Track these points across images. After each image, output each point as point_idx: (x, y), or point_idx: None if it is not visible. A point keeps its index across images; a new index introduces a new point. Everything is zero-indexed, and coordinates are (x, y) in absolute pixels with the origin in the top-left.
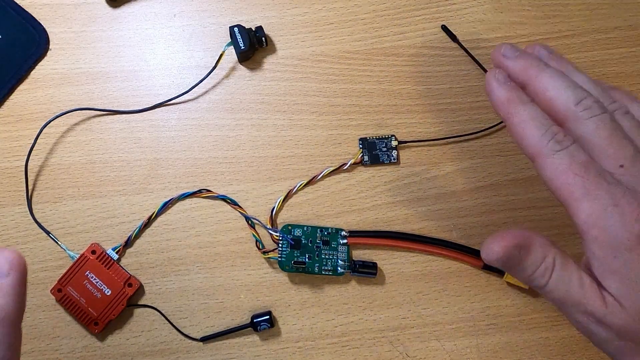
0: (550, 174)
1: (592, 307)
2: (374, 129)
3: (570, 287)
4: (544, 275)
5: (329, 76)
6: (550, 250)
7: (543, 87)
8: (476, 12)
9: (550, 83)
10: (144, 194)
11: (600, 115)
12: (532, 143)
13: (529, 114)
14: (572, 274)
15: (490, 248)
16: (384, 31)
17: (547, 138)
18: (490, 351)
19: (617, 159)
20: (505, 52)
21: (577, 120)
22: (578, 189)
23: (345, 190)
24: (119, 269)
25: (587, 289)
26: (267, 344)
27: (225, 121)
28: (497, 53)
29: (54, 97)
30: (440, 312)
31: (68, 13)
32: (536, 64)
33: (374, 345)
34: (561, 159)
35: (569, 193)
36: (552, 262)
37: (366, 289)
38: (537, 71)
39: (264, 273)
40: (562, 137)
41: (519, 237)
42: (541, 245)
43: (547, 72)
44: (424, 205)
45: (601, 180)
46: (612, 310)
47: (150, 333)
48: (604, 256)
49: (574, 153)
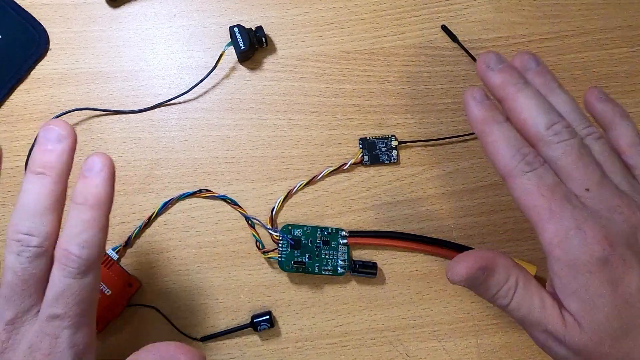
0: (519, 194)
1: (552, 326)
2: (374, 129)
3: (531, 307)
4: (506, 296)
5: (329, 76)
6: (512, 271)
7: (518, 108)
8: (476, 12)
9: (525, 104)
10: (144, 194)
11: (568, 141)
12: (503, 163)
13: (502, 134)
14: (534, 294)
15: (454, 269)
16: (384, 31)
17: (517, 159)
18: (490, 351)
19: (583, 182)
20: (490, 62)
21: (547, 144)
22: (544, 210)
23: (345, 190)
24: (119, 269)
25: (547, 309)
26: (267, 344)
27: (225, 121)
28: (482, 63)
29: (54, 97)
30: (440, 312)
31: (68, 13)
32: (515, 81)
33: (374, 345)
34: (529, 180)
35: (536, 213)
36: (515, 283)
37: (366, 289)
38: (515, 90)
39: (264, 273)
40: (532, 159)
41: (482, 260)
42: (504, 267)
43: (524, 92)
44: (424, 205)
45: (566, 203)
46: (571, 330)
47: (150, 333)
48: (565, 276)
49: (542, 175)
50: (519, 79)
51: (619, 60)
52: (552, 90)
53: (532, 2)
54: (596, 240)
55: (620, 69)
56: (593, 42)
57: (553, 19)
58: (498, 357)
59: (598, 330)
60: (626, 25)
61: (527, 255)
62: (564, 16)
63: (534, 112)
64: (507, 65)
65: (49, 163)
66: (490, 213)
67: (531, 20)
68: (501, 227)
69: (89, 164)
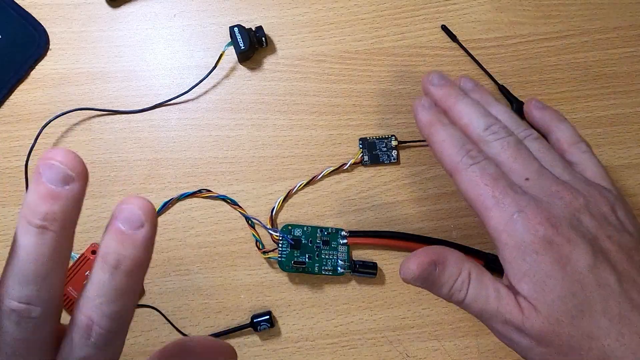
0: (465, 187)
1: (510, 315)
2: (374, 129)
3: (487, 299)
4: (461, 290)
5: (329, 76)
6: (464, 264)
7: (459, 114)
8: (476, 12)
9: (464, 111)
10: (144, 194)
11: (505, 138)
12: (449, 160)
13: (447, 133)
14: (488, 285)
15: (406, 267)
16: (384, 31)
17: (461, 154)
18: (490, 351)
19: (523, 173)
20: (433, 80)
21: (486, 143)
22: (488, 198)
23: (345, 190)
24: None
25: (503, 298)
26: (267, 344)
27: (225, 121)
28: (426, 80)
29: (54, 97)
30: (440, 312)
31: (68, 13)
32: (455, 93)
33: (374, 345)
34: (473, 171)
35: (481, 202)
36: (467, 275)
37: (366, 289)
38: (455, 100)
39: (264, 273)
40: (475, 153)
41: (433, 255)
42: (455, 260)
43: (463, 101)
44: (424, 205)
45: (508, 190)
46: (529, 315)
47: (150, 333)
48: (514, 259)
49: (485, 166)
50: (458, 92)
51: (619, 60)
52: (488, 103)
53: (532, 2)
54: (538, 221)
55: (620, 69)
56: (593, 42)
57: (553, 19)
58: (498, 357)
59: (553, 311)
60: (626, 25)
61: None
62: (564, 16)
63: (473, 117)
64: (448, 82)
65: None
66: None
67: (531, 20)
68: None
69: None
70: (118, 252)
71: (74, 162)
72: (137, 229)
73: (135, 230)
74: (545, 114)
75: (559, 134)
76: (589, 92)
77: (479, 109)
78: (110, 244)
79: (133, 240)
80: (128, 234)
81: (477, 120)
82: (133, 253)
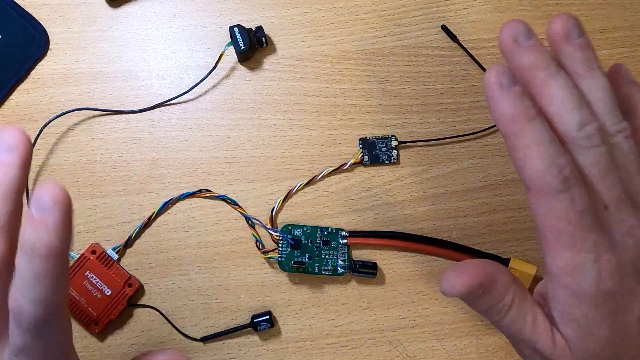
0: (543, 213)
1: (541, 345)
2: (374, 129)
3: (523, 326)
4: (499, 313)
5: (329, 76)
6: (509, 289)
7: (548, 98)
8: (476, 12)
9: (556, 95)
10: (144, 194)
11: (599, 148)
12: (534, 176)
13: (536, 137)
14: (527, 313)
15: (449, 283)
16: (384, 31)
17: (552, 173)
18: (490, 351)
19: (605, 198)
20: (518, 34)
21: (577, 147)
22: (567, 237)
23: (345, 190)
24: (119, 269)
25: (539, 328)
26: (267, 344)
27: (225, 121)
28: (507, 34)
29: (54, 97)
30: (440, 312)
31: (68, 13)
32: (547, 64)
33: (374, 345)
34: (561, 202)
35: (555, 237)
36: (510, 302)
37: (366, 289)
38: (546, 75)
39: (264, 273)
40: (568, 173)
41: (481, 276)
42: (502, 284)
43: (556, 80)
44: (424, 205)
45: (590, 233)
46: (560, 352)
47: (150, 333)
48: (568, 304)
49: (575, 199)
50: (551, 62)
51: (619, 60)
52: (590, 71)
53: (532, 2)
54: (610, 275)
55: None
56: (593, 42)
57: None
58: (498, 357)
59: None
60: (626, 25)
61: (527, 255)
62: None
63: (566, 107)
64: (537, 42)
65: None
66: (490, 213)
67: (531, 20)
68: (501, 227)
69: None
70: (32, 238)
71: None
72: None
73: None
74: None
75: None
76: None
77: (574, 94)
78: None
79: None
80: (39, 219)
81: (570, 114)
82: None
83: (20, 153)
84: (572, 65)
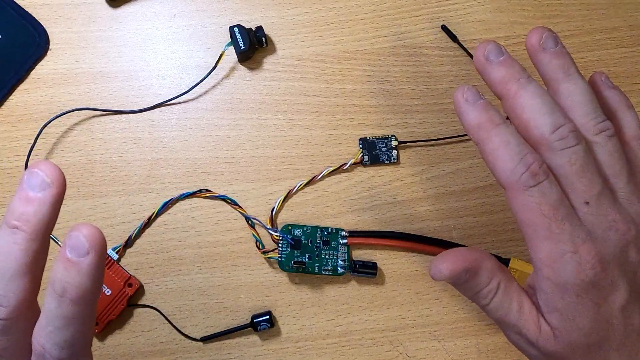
0: (518, 209)
1: (527, 330)
2: (374, 129)
3: (509, 311)
4: (486, 297)
5: (329, 76)
6: (495, 275)
7: (520, 107)
8: (476, 12)
9: (528, 104)
10: (144, 194)
11: (574, 147)
12: (504, 174)
13: (502, 139)
14: (513, 299)
15: (437, 268)
16: (384, 31)
17: (520, 170)
18: (490, 351)
19: (584, 195)
20: (489, 54)
21: (551, 150)
22: (543, 229)
23: (345, 190)
24: (119, 269)
25: (524, 314)
26: (267, 344)
27: (225, 121)
28: (480, 53)
29: (54, 97)
30: (440, 312)
31: (68, 13)
32: (518, 76)
33: (374, 345)
34: (532, 196)
35: (533, 231)
36: (496, 286)
37: (366, 289)
38: (517, 87)
39: (264, 273)
40: (536, 169)
41: (467, 262)
42: (488, 270)
43: (527, 89)
44: (424, 205)
45: (566, 224)
46: (545, 337)
47: (150, 333)
48: (552, 294)
49: (546, 191)
50: (522, 73)
51: (619, 60)
52: (568, 76)
53: (532, 2)
54: (590, 265)
55: (620, 69)
56: (593, 42)
57: (553, 19)
58: (498, 357)
59: (573, 343)
60: (626, 25)
61: (527, 255)
62: (564, 16)
63: (538, 113)
64: (508, 58)
65: (26, 215)
66: (490, 213)
67: (531, 20)
68: (501, 227)
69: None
70: (64, 279)
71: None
72: (82, 257)
73: (80, 258)
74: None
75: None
76: None
77: (546, 101)
78: (57, 271)
79: (78, 268)
80: (73, 261)
81: (542, 118)
82: (78, 281)
83: (54, 191)
84: (550, 72)
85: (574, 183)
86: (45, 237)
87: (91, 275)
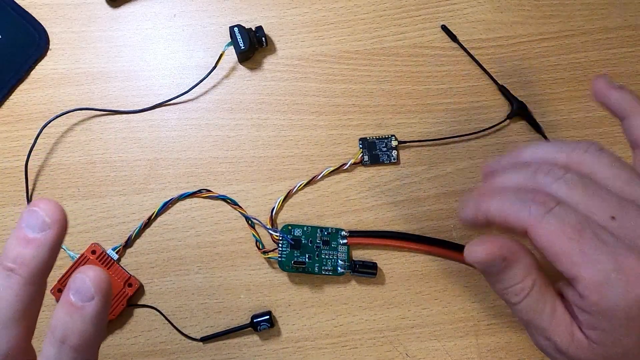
0: (544, 243)
1: (557, 337)
2: (374, 129)
3: (541, 314)
4: (518, 295)
5: (329, 76)
6: (532, 272)
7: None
8: (476, 12)
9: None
10: (144, 194)
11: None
12: (517, 220)
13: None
14: (547, 302)
15: (474, 250)
16: (384, 31)
17: (527, 206)
18: (490, 351)
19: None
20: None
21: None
22: (575, 254)
23: (345, 190)
24: (119, 269)
25: (557, 319)
26: (267, 344)
27: (225, 121)
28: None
29: (54, 97)
30: (440, 312)
31: (68, 13)
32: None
33: (374, 345)
34: (549, 223)
35: (567, 260)
36: (531, 285)
37: (366, 289)
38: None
39: (264, 273)
40: (542, 198)
41: (506, 250)
42: (525, 266)
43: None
44: (424, 205)
45: (599, 243)
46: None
47: (150, 333)
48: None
49: (562, 215)
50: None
51: (619, 60)
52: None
53: (532, 2)
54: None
55: (620, 69)
56: (593, 42)
57: (553, 19)
58: (498, 357)
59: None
60: (626, 25)
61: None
62: (564, 16)
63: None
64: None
65: (22, 258)
66: None
67: (531, 20)
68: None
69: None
70: (66, 325)
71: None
72: (87, 302)
73: (84, 303)
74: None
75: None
76: (589, 92)
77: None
78: (59, 317)
79: (82, 314)
80: (77, 306)
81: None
82: (81, 327)
83: (54, 232)
84: None
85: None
86: (43, 280)
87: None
